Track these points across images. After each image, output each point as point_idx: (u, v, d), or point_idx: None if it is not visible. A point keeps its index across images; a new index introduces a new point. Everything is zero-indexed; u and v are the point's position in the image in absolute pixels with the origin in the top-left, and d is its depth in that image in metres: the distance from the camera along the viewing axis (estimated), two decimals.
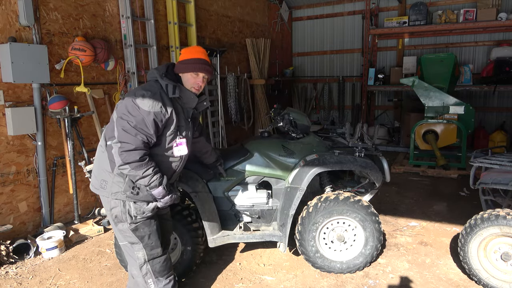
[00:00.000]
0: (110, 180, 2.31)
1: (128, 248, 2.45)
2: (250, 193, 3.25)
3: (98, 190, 2.39)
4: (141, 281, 2.49)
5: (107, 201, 2.37)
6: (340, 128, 4.83)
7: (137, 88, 2.41)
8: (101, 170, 2.36)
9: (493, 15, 6.90)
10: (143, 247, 2.41)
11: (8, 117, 3.65)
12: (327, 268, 3.13)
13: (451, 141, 6.08)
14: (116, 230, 2.43)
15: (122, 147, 2.17)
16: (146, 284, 2.48)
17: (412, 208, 4.68)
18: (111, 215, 2.39)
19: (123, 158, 2.17)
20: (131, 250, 2.44)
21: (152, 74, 2.42)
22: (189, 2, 5.93)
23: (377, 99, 8.96)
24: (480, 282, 2.89)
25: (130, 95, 2.29)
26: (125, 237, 2.41)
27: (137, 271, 2.47)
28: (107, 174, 2.33)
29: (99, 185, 2.37)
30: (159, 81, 2.36)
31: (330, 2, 9.04)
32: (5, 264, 3.40)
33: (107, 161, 2.31)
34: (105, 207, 2.42)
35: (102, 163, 2.36)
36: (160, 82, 2.35)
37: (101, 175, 2.36)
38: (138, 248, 2.42)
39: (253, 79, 7.66)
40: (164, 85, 2.33)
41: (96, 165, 2.43)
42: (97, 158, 2.43)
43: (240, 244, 3.69)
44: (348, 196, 3.06)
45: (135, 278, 2.51)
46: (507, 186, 3.04)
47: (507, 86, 6.84)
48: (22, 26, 3.76)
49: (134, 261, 2.45)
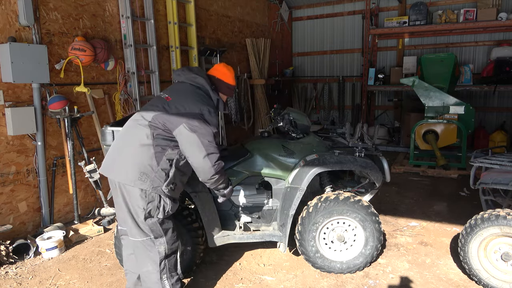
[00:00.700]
0: (152, 174, 2.38)
1: (148, 244, 2.47)
2: (250, 193, 3.25)
3: (134, 183, 2.37)
4: (155, 279, 2.50)
5: (144, 195, 2.39)
6: (340, 128, 4.83)
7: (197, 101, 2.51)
8: (141, 164, 2.38)
9: (493, 15, 6.89)
10: (166, 241, 2.49)
11: (8, 117, 3.64)
12: (327, 268, 3.13)
13: (451, 141, 6.07)
14: (143, 225, 2.43)
15: (213, 159, 2.43)
16: (160, 280, 2.50)
17: (412, 208, 4.68)
18: (143, 210, 2.40)
19: (215, 168, 2.46)
20: (152, 246, 2.47)
21: (198, 80, 2.63)
22: (189, 2, 5.93)
23: (377, 99, 8.96)
24: (480, 282, 2.89)
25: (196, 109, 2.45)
26: (151, 231, 2.44)
27: (154, 267, 2.48)
28: (149, 169, 2.38)
29: (137, 178, 2.36)
30: (210, 94, 2.63)
31: (330, 2, 9.04)
32: (5, 264, 3.40)
33: (151, 157, 2.39)
34: (136, 202, 2.40)
35: (144, 158, 2.39)
36: (212, 96, 2.63)
37: (139, 169, 2.37)
38: (161, 242, 2.47)
39: (253, 79, 7.66)
40: (215, 100, 2.64)
41: (132, 161, 2.41)
42: (135, 154, 2.41)
43: (240, 244, 3.69)
44: (348, 196, 3.05)
45: (149, 276, 2.50)
46: (507, 186, 3.04)
47: (507, 86, 6.84)
48: (22, 26, 3.76)
49: (153, 256, 2.47)
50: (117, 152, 2.52)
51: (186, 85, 2.63)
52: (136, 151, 2.42)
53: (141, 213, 2.41)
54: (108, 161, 2.54)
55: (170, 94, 2.58)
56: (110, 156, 2.55)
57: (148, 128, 2.43)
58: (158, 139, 2.42)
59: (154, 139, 2.41)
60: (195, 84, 2.63)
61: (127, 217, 2.47)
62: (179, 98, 2.51)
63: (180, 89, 2.61)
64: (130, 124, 2.56)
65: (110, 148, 2.63)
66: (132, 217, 2.45)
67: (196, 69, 2.73)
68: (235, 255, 3.52)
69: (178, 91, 2.60)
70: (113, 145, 2.61)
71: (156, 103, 2.57)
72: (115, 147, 2.57)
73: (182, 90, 2.60)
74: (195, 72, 2.67)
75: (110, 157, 2.55)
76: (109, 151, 2.60)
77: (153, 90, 5.35)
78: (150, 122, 2.43)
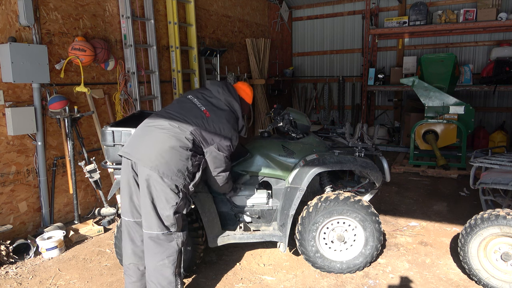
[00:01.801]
0: (185, 174, 2.53)
1: (166, 238, 2.51)
2: (250, 193, 3.25)
3: (171, 178, 2.46)
4: (169, 272, 2.53)
5: (176, 190, 2.50)
6: (340, 128, 4.83)
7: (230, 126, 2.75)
8: (179, 163, 2.51)
9: (493, 15, 6.89)
10: (183, 235, 2.60)
11: (8, 117, 3.65)
12: (327, 268, 3.13)
13: (451, 141, 6.08)
14: (168, 218, 2.50)
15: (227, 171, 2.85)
16: (174, 273, 2.54)
17: (412, 208, 4.68)
18: (175, 204, 2.49)
19: (227, 178, 2.89)
20: (169, 240, 2.52)
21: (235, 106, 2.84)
22: (189, 2, 5.93)
23: (377, 99, 8.96)
24: (480, 282, 2.89)
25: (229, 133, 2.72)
26: (175, 225, 2.52)
27: (169, 261, 2.52)
28: (184, 168, 2.53)
29: (174, 173, 2.47)
30: (239, 121, 2.86)
31: (330, 2, 9.04)
32: (5, 264, 3.40)
33: (187, 158, 2.55)
34: (169, 196, 2.48)
35: (182, 158, 2.53)
36: (239, 123, 2.86)
37: (178, 166, 2.50)
38: (179, 235, 2.57)
39: (253, 79, 7.66)
40: (241, 126, 2.87)
41: (171, 156, 2.49)
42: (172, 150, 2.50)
43: (240, 244, 3.69)
44: (348, 196, 3.06)
45: (163, 269, 2.52)
46: (507, 186, 3.04)
47: (507, 86, 6.84)
48: (22, 26, 3.76)
49: (168, 250, 2.52)
50: (148, 142, 2.54)
51: (222, 104, 2.79)
52: (174, 149, 2.51)
53: (170, 208, 2.47)
54: (137, 147, 2.55)
55: (208, 108, 2.73)
56: (139, 143, 2.56)
57: (188, 134, 2.59)
58: (194, 146, 2.61)
59: (193, 145, 2.59)
60: (230, 107, 2.81)
61: (149, 208, 2.47)
62: (218, 119, 2.71)
63: (217, 108, 2.76)
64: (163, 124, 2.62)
65: (136, 134, 2.66)
66: (155, 209, 2.47)
67: (234, 91, 2.90)
68: (235, 255, 3.52)
69: (215, 109, 2.75)
70: (141, 133, 2.63)
71: (194, 113, 2.70)
72: (146, 136, 2.58)
73: (220, 110, 2.76)
74: (233, 96, 2.85)
75: (140, 144, 2.55)
76: (137, 138, 2.61)
77: (153, 90, 5.36)
78: (191, 133, 2.60)
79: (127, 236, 2.69)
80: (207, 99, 2.80)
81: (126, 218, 2.65)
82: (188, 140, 2.57)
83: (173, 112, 2.70)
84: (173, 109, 2.74)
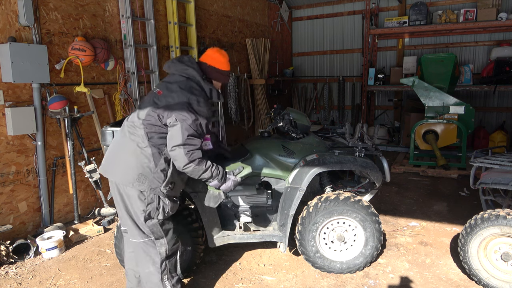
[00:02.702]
0: (150, 176, 2.39)
1: (149, 245, 2.48)
2: (250, 193, 3.25)
3: (132, 184, 2.38)
4: (156, 279, 2.50)
5: (142, 197, 2.41)
6: (340, 128, 4.83)
7: (185, 90, 2.46)
8: (139, 166, 2.39)
9: (493, 15, 6.89)
10: (167, 242, 2.51)
11: (8, 117, 3.64)
12: (327, 268, 3.13)
13: (451, 141, 6.08)
14: (143, 226, 2.44)
15: (187, 148, 2.36)
16: (161, 281, 2.50)
17: (412, 208, 4.68)
18: (143, 212, 2.41)
19: (189, 157, 2.36)
20: (153, 247, 2.48)
21: (189, 72, 2.53)
22: (189, 2, 5.93)
23: (377, 99, 8.96)
24: (480, 282, 2.89)
25: (184, 98, 2.41)
26: (152, 232, 2.46)
27: (155, 268, 2.49)
28: (147, 170, 2.39)
29: (135, 179, 2.38)
30: (202, 84, 2.53)
31: (330, 2, 9.04)
32: (5, 264, 3.40)
33: (148, 157, 2.39)
34: (136, 204, 2.41)
35: (142, 160, 2.40)
36: (203, 87, 2.53)
37: (138, 170, 2.39)
38: (162, 243, 2.49)
39: (253, 79, 7.65)
40: (208, 90, 2.55)
41: (130, 161, 2.41)
42: (132, 155, 2.41)
43: (240, 244, 3.69)
44: (348, 196, 3.05)
45: (150, 277, 2.50)
46: (507, 186, 3.04)
47: (507, 86, 6.84)
48: (22, 26, 3.76)
49: (154, 257, 2.48)
50: (115, 153, 2.53)
51: (176, 77, 2.57)
52: (134, 152, 2.41)
53: (141, 215, 2.42)
54: (107, 161, 2.55)
55: (161, 88, 2.54)
56: (108, 156, 2.57)
57: (142, 128, 2.41)
58: (153, 139, 2.41)
59: (150, 140, 2.40)
60: (185, 76, 2.56)
61: (126, 218, 2.47)
62: (169, 91, 2.47)
63: (171, 81, 2.56)
64: (127, 124, 2.55)
65: (108, 148, 2.64)
66: (131, 218, 2.46)
67: (187, 59, 2.62)
68: (235, 255, 3.52)
69: (169, 83, 2.55)
70: (111, 145, 2.61)
71: (148, 99, 2.55)
72: (113, 147, 2.57)
73: (173, 82, 2.54)
74: (186, 63, 2.58)
75: (108, 157, 2.56)
76: (108, 151, 2.61)
77: None
78: (144, 120, 2.42)
79: (125, 243, 2.71)
80: (163, 81, 2.64)
81: (122, 227, 2.66)
82: (142, 138, 2.40)
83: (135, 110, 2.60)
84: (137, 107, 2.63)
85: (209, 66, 2.65)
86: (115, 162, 2.48)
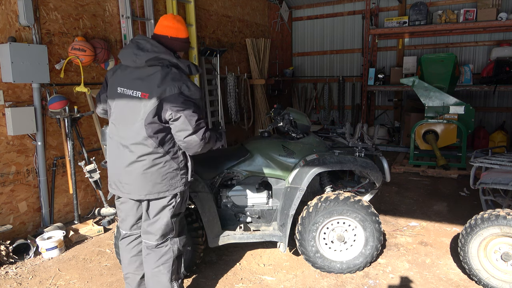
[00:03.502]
0: (178, 175, 2.41)
1: (161, 246, 2.47)
2: (250, 193, 3.25)
3: (166, 192, 2.37)
4: (165, 279, 2.49)
5: (172, 198, 2.41)
6: (340, 128, 4.83)
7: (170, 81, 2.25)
8: (166, 173, 2.35)
9: (493, 15, 6.89)
10: (180, 240, 2.53)
11: (8, 117, 3.64)
12: (327, 268, 3.13)
13: (451, 141, 6.08)
14: (166, 225, 2.43)
15: (200, 133, 2.29)
16: (170, 282, 2.50)
17: (412, 208, 4.68)
18: (171, 210, 2.42)
19: (203, 140, 2.31)
20: (167, 246, 2.47)
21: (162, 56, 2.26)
22: (189, 2, 5.93)
23: (377, 99, 8.96)
24: (480, 282, 2.89)
25: (174, 90, 2.23)
26: (173, 230, 2.47)
27: (165, 267, 2.47)
28: (174, 173, 2.39)
29: (168, 186, 2.37)
30: (178, 64, 2.31)
31: (330, 2, 9.04)
32: (5, 264, 3.40)
33: (170, 162, 2.35)
34: (162, 207, 2.40)
35: (165, 167, 2.34)
36: (180, 65, 2.32)
37: (168, 177, 2.36)
38: (175, 241, 2.50)
39: (253, 79, 7.66)
40: (185, 66, 2.34)
41: (153, 174, 2.32)
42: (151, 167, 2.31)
43: (240, 244, 3.69)
44: (348, 196, 3.05)
45: (159, 276, 2.48)
46: (507, 186, 3.04)
47: (507, 86, 6.84)
48: (22, 26, 3.76)
49: (164, 257, 2.47)
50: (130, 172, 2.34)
51: (148, 70, 2.28)
52: (155, 165, 2.32)
53: (168, 215, 2.42)
54: (123, 182, 2.38)
55: (144, 89, 2.26)
56: (123, 177, 2.38)
57: (149, 139, 2.29)
58: (166, 143, 2.33)
59: (163, 145, 2.32)
60: (160, 65, 2.28)
61: (147, 224, 2.45)
62: (156, 88, 2.22)
63: (144, 78, 2.27)
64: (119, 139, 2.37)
65: (111, 166, 2.46)
66: (155, 223, 2.44)
67: (149, 46, 2.29)
68: (235, 255, 3.52)
69: (147, 81, 2.26)
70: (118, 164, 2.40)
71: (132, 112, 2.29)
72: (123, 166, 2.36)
73: (153, 77, 2.26)
74: (151, 50, 2.27)
75: (123, 178, 2.38)
76: (115, 171, 2.42)
77: None
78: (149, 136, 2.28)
79: (122, 248, 2.66)
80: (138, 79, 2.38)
81: (123, 231, 2.63)
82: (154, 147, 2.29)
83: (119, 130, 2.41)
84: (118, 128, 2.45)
85: (171, 38, 2.37)
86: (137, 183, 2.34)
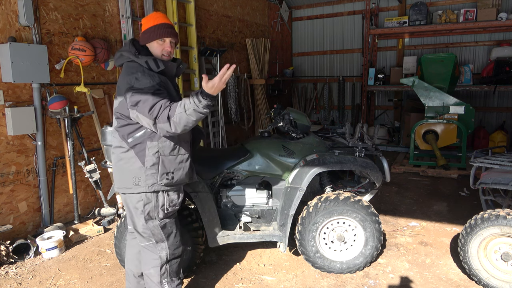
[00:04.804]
0: (143, 174, 2.30)
1: (151, 248, 2.45)
2: (250, 193, 3.25)
3: (130, 189, 2.33)
4: (156, 281, 2.48)
5: (139, 198, 2.34)
6: (340, 128, 4.83)
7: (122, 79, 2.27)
8: (129, 170, 2.33)
9: (493, 15, 6.89)
10: (168, 246, 2.45)
11: (8, 117, 3.64)
12: (327, 268, 3.13)
13: (451, 141, 6.08)
14: (144, 229, 2.40)
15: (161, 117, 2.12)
16: (160, 284, 2.48)
17: (412, 208, 4.68)
18: (142, 212, 2.36)
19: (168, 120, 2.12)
20: (154, 250, 2.44)
21: (122, 57, 2.32)
22: (189, 2, 5.93)
23: (377, 99, 8.96)
24: (480, 282, 2.89)
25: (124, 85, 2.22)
26: (153, 235, 2.41)
27: (155, 271, 2.46)
28: (138, 170, 2.30)
29: (131, 184, 2.32)
30: (136, 60, 2.26)
31: (330, 2, 9.04)
32: (5, 264, 3.40)
33: (134, 158, 2.31)
34: (134, 206, 2.38)
35: (128, 163, 2.33)
36: (138, 62, 2.26)
37: (131, 174, 2.32)
38: (163, 247, 2.44)
39: (253, 79, 7.66)
40: (143, 62, 2.25)
41: (120, 168, 2.37)
42: (119, 161, 2.37)
43: (240, 244, 3.69)
44: (348, 196, 3.06)
45: (150, 278, 2.49)
46: (507, 186, 3.04)
47: (507, 86, 6.84)
48: (22, 26, 3.76)
49: (154, 261, 2.46)
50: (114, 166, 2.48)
51: (121, 71, 2.38)
52: (120, 158, 2.37)
53: (141, 217, 2.38)
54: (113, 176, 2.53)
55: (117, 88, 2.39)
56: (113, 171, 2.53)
57: (116, 132, 2.35)
58: (130, 138, 2.30)
59: (127, 139, 2.31)
60: (124, 62, 2.35)
61: (131, 223, 2.48)
62: (118, 88, 2.32)
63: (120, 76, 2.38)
64: None
65: None
66: (134, 222, 2.45)
67: (123, 46, 2.38)
68: (235, 255, 3.52)
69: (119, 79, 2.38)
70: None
71: None
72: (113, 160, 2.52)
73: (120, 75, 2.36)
74: (121, 51, 2.36)
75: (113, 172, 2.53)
76: None
77: None
78: (116, 126, 2.34)
79: (128, 243, 2.71)
80: None
81: (128, 226, 2.63)
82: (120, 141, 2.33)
83: None
84: None
85: (140, 35, 2.39)
86: (115, 175, 2.46)
